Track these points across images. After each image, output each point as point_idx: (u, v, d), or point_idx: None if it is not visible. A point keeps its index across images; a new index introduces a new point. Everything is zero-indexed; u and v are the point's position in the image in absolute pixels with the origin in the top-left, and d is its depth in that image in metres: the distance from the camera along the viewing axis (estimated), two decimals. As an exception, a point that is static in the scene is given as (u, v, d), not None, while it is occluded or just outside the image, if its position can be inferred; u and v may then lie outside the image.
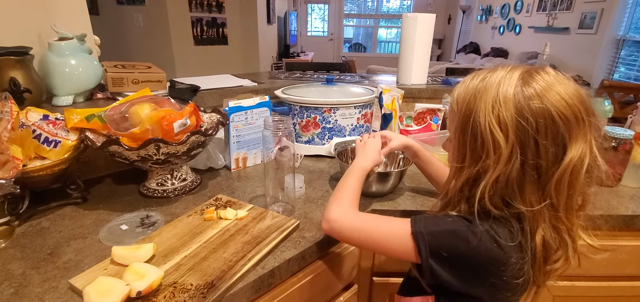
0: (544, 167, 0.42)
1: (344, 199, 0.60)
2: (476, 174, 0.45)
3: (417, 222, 0.49)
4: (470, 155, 0.46)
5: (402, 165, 0.85)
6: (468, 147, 0.46)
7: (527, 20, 4.75)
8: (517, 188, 0.43)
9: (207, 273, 0.53)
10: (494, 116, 0.42)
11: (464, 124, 0.46)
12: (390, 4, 7.24)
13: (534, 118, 0.41)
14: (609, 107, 0.88)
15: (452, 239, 0.46)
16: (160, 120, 0.69)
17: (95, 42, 1.07)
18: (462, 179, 0.47)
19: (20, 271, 0.55)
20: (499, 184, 0.43)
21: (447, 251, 0.46)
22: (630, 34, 3.34)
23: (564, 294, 0.86)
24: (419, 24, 1.32)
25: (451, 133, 0.51)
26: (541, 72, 0.43)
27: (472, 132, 0.44)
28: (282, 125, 0.67)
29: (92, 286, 0.48)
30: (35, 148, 0.68)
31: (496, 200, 0.45)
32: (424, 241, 0.47)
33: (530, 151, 0.42)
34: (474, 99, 0.44)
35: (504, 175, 0.42)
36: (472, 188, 0.46)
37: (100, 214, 0.71)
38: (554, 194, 0.43)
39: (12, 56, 0.81)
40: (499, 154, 0.42)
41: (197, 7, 3.36)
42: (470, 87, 0.46)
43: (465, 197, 0.48)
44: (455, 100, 0.48)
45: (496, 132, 0.42)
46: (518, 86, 0.42)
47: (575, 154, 0.41)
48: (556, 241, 0.45)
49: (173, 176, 0.80)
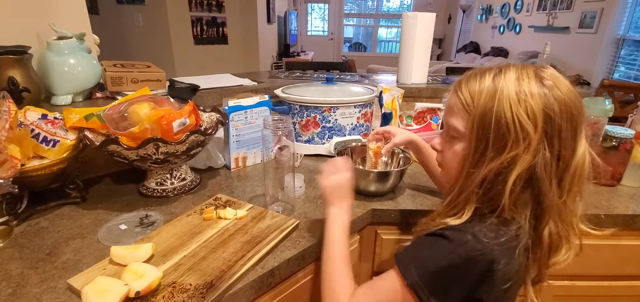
0: (563, 156, 0.44)
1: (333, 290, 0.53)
2: (500, 167, 0.44)
3: (406, 266, 0.46)
4: (492, 146, 0.44)
5: (402, 164, 0.85)
6: (490, 139, 0.44)
7: (527, 19, 4.75)
8: (546, 177, 0.43)
9: (206, 273, 0.53)
10: (521, 107, 0.43)
11: (484, 119, 0.45)
12: (390, 3, 7.23)
13: (557, 107, 0.43)
14: (610, 107, 0.88)
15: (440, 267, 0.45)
16: (159, 120, 0.69)
17: (94, 41, 1.07)
18: (482, 175, 0.45)
19: (18, 271, 0.54)
20: (530, 174, 0.43)
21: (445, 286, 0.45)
22: (630, 33, 3.34)
23: (565, 294, 0.86)
24: (419, 23, 1.31)
25: (460, 129, 0.49)
26: (545, 69, 0.46)
27: (496, 125, 0.44)
28: (282, 125, 0.67)
29: (90, 286, 0.48)
30: (34, 147, 0.68)
31: (517, 192, 0.44)
32: (421, 288, 0.45)
33: (556, 139, 0.43)
34: (494, 94, 0.44)
35: (533, 165, 0.43)
36: (492, 185, 0.45)
37: (99, 213, 0.71)
38: (568, 186, 0.44)
39: (10, 55, 0.81)
40: (528, 142, 0.43)
41: (197, 6, 3.35)
42: (486, 83, 0.46)
43: (479, 197, 0.46)
44: (470, 98, 0.47)
45: (525, 121, 0.43)
46: (537, 80, 0.44)
47: (584, 146, 0.44)
48: (561, 233, 0.46)
49: (172, 175, 0.80)
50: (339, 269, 0.54)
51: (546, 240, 0.45)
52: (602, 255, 0.81)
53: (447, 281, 0.45)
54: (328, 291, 0.53)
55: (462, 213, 0.48)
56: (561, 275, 0.83)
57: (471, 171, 0.47)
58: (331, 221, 0.58)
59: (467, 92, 0.48)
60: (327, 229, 0.58)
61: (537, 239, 0.46)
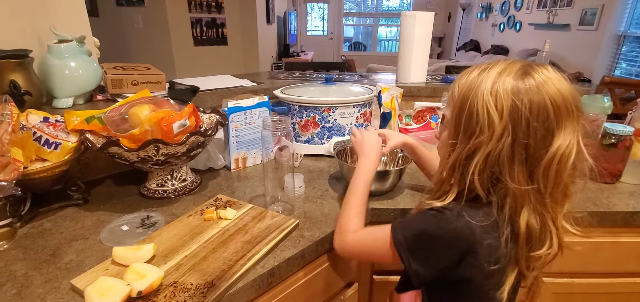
0: (532, 147, 0.45)
1: (345, 224, 0.61)
2: (468, 151, 0.48)
3: (395, 228, 0.53)
4: (463, 133, 0.49)
5: (401, 163, 0.86)
6: (462, 126, 0.49)
7: (528, 17, 4.74)
8: (507, 164, 0.46)
9: (207, 273, 0.53)
10: (492, 98, 0.45)
11: (462, 105, 0.49)
12: (390, 2, 7.22)
13: (528, 101, 0.44)
14: (609, 104, 0.88)
15: (426, 239, 0.50)
16: (159, 121, 0.70)
17: (94, 44, 1.07)
18: (454, 157, 0.50)
19: (22, 272, 0.55)
20: (490, 159, 0.46)
21: (424, 250, 0.50)
22: (631, 29, 3.33)
23: (564, 291, 0.86)
24: (418, 22, 1.32)
25: (448, 116, 0.53)
26: (541, 67, 0.47)
27: (469, 112, 0.47)
28: (281, 125, 0.67)
29: (93, 286, 0.48)
30: (36, 150, 0.69)
31: (485, 177, 0.47)
32: (403, 248, 0.51)
33: (521, 130, 0.44)
34: (475, 84, 0.48)
35: (495, 151, 0.45)
36: (463, 169, 0.49)
37: (101, 215, 0.72)
38: (542, 180, 0.45)
39: (12, 59, 0.82)
40: (492, 130, 0.45)
41: (197, 7, 3.36)
42: (472, 76, 0.49)
43: (456, 180, 0.50)
44: (457, 86, 0.51)
45: (492, 110, 0.45)
46: (518, 75, 0.46)
47: (564, 143, 0.44)
48: (540, 226, 0.47)
49: (173, 176, 0.81)
50: (355, 208, 0.62)
51: (523, 230, 0.47)
52: (602, 252, 0.81)
53: (428, 246, 0.50)
54: (342, 220, 0.62)
55: (446, 197, 0.51)
56: (561, 272, 0.84)
57: (448, 156, 0.52)
58: (359, 168, 0.67)
59: (456, 84, 0.51)
60: (355, 173, 0.67)
61: (516, 226, 0.47)
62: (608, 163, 0.86)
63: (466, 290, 0.51)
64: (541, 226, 0.47)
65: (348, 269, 0.76)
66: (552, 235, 0.48)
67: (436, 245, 0.49)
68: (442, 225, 0.49)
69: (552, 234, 0.48)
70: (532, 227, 0.47)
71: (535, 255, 0.49)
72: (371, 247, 0.58)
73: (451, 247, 0.48)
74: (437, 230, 0.49)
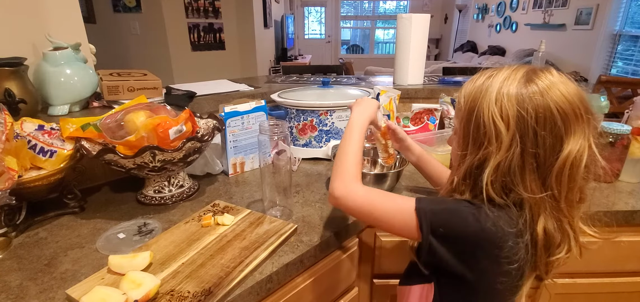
0: (542, 156, 0.45)
1: (347, 171, 0.58)
2: (478, 162, 0.48)
3: (422, 199, 0.51)
4: (472, 143, 0.49)
5: (398, 166, 0.85)
6: (471, 136, 0.49)
7: (523, 17, 4.76)
8: (518, 175, 0.45)
9: (204, 280, 0.53)
10: (497, 108, 0.45)
11: (469, 116, 0.49)
12: (386, 5, 7.26)
13: (534, 110, 0.44)
14: (605, 103, 0.88)
15: (452, 217, 0.48)
16: (155, 128, 0.69)
17: (90, 51, 1.07)
18: (464, 167, 0.50)
19: (17, 282, 0.54)
20: (500, 170, 0.46)
21: (447, 228, 0.48)
22: (626, 28, 3.35)
23: (565, 292, 0.86)
24: (414, 25, 1.32)
25: (457, 126, 0.54)
26: (545, 72, 0.46)
27: (476, 123, 0.47)
28: (278, 129, 0.67)
29: (88, 296, 0.48)
30: (31, 158, 0.68)
31: (497, 187, 0.47)
32: (426, 217, 0.49)
33: (529, 140, 0.44)
34: (480, 93, 0.48)
35: (505, 161, 0.45)
36: (475, 176, 0.49)
37: (97, 223, 0.71)
38: (555, 186, 0.45)
39: (6, 67, 0.81)
40: (500, 141, 0.45)
41: (194, 13, 3.36)
42: (477, 84, 0.49)
43: (469, 186, 0.50)
44: (463, 96, 0.51)
45: (498, 121, 0.45)
46: (521, 82, 0.45)
47: (574, 147, 0.44)
48: (558, 231, 0.47)
49: (170, 182, 0.80)
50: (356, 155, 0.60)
51: (541, 236, 0.46)
52: (603, 252, 0.81)
53: (452, 227, 0.48)
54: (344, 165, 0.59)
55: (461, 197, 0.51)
56: (562, 273, 0.83)
57: (459, 165, 0.52)
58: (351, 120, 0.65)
59: (463, 92, 0.51)
60: (349, 121, 0.65)
61: (535, 233, 0.47)
62: (606, 162, 0.86)
63: (478, 288, 0.49)
64: (559, 230, 0.47)
65: (347, 274, 0.76)
66: (570, 238, 0.48)
67: (463, 232, 0.47)
68: (476, 215, 0.46)
69: (570, 237, 0.48)
70: (549, 233, 0.47)
71: (554, 259, 0.48)
72: (383, 206, 0.54)
73: (476, 242, 0.46)
74: (470, 218, 0.46)
